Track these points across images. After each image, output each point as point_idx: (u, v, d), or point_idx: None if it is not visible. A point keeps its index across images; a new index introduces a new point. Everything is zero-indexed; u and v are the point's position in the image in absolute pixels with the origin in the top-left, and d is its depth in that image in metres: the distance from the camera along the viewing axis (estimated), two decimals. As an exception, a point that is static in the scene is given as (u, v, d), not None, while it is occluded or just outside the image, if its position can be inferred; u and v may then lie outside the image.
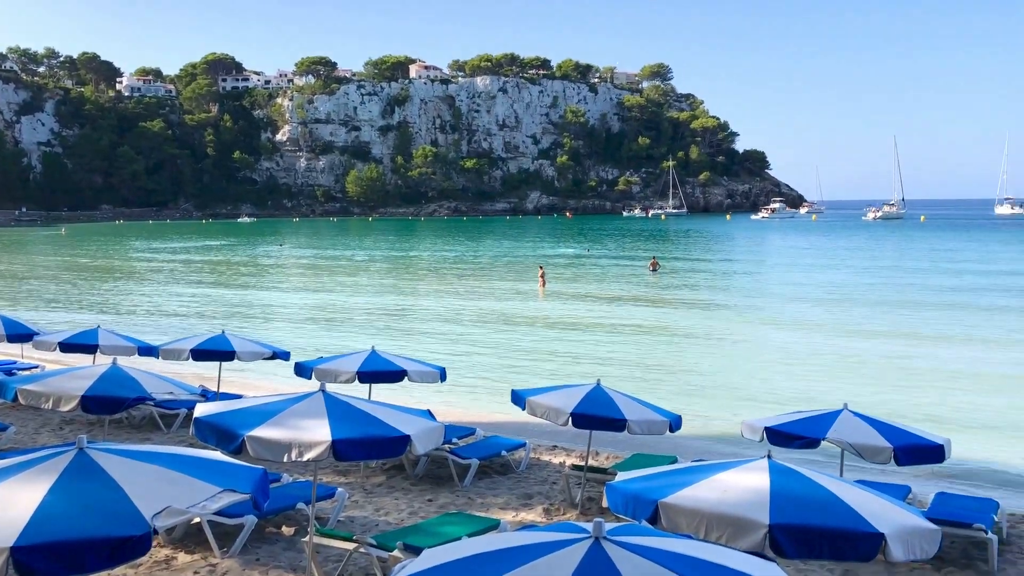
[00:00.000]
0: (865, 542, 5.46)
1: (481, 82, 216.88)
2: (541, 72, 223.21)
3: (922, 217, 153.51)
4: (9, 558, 4.45)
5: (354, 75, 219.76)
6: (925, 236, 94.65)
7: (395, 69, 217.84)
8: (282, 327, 31.29)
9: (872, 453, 9.16)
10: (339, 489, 10.94)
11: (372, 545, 8.80)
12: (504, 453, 13.49)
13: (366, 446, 7.48)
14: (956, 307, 34.91)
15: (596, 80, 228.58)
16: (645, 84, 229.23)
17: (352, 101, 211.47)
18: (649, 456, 13.37)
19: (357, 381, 12.84)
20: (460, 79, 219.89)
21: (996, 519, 10.51)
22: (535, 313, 35.04)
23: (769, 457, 6.40)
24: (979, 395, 19.53)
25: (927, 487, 12.59)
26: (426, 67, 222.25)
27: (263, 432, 7.37)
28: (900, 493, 11.08)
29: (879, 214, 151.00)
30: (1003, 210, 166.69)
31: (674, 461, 12.12)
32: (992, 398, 19.18)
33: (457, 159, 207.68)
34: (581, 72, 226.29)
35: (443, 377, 13.68)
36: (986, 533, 9.75)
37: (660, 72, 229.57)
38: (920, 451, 9.26)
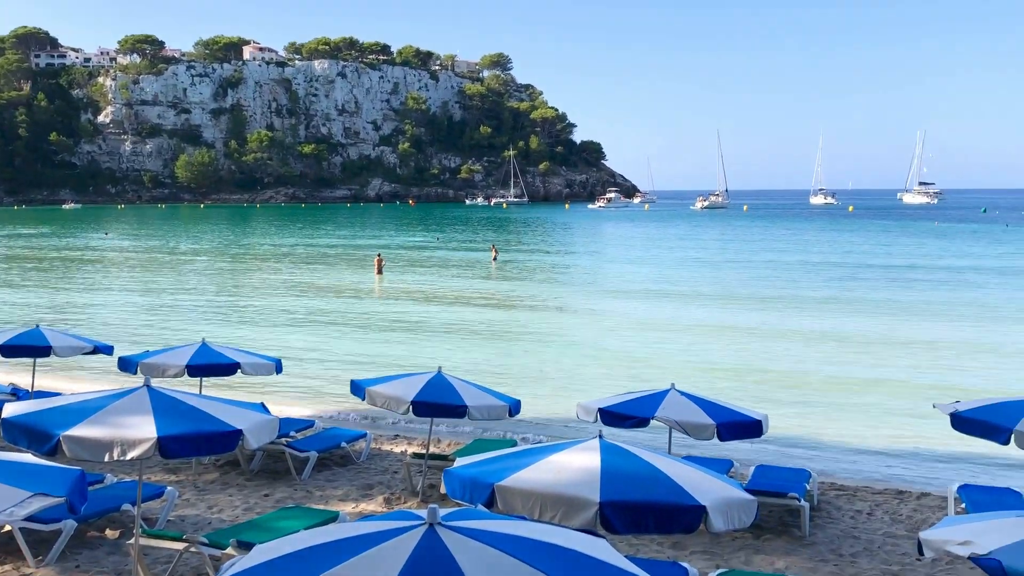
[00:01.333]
0: (688, 514, 5.75)
1: (319, 66, 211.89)
2: (381, 58, 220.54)
3: (744, 207, 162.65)
4: None
5: (183, 55, 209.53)
6: (746, 225, 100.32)
7: (227, 50, 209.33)
8: (107, 321, 29.55)
9: (697, 430, 9.65)
10: (168, 488, 10.46)
11: (204, 544, 8.48)
12: (344, 444, 13.30)
13: (195, 442, 7.18)
14: (775, 291, 37.22)
15: (437, 67, 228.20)
16: (486, 73, 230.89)
17: (181, 82, 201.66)
18: (490, 441, 13.57)
19: (187, 375, 12.30)
20: (297, 62, 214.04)
21: (808, 487, 11.32)
22: (374, 302, 34.73)
23: (600, 437, 6.62)
24: (796, 374, 20.92)
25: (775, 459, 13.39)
26: (261, 49, 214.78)
27: (81, 431, 6.94)
28: (723, 467, 11.74)
29: (706, 204, 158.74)
30: (817, 200, 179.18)
31: (514, 445, 12.33)
32: (808, 376, 20.59)
33: (295, 144, 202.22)
34: (422, 59, 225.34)
35: (279, 369, 13.32)
36: (799, 501, 10.48)
37: (500, 62, 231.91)
38: (740, 427, 9.82)
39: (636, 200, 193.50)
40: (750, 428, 9.92)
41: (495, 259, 52.22)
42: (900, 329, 26.99)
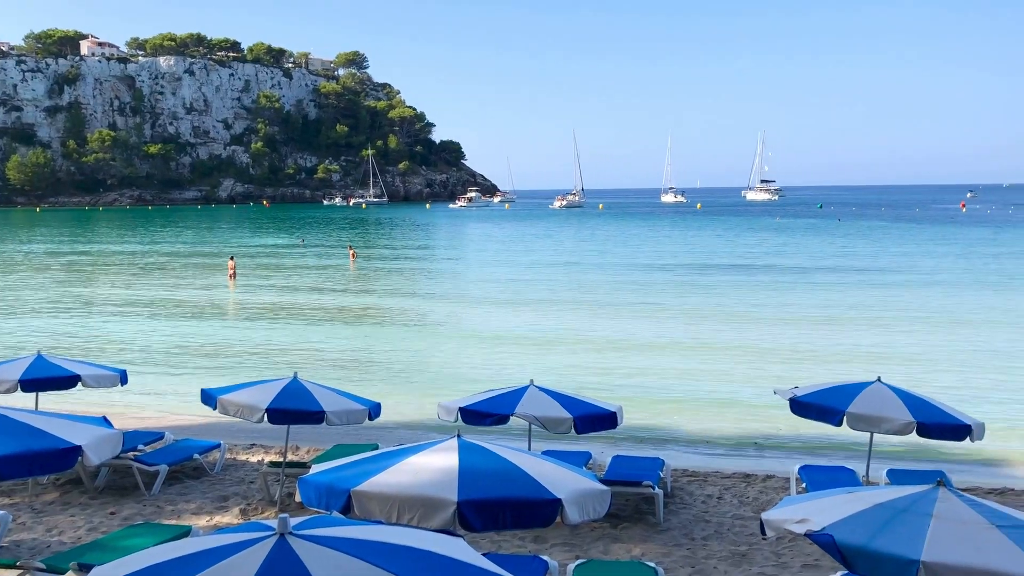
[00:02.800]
0: (544, 508, 5.85)
1: (165, 63, 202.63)
2: (231, 55, 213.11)
3: (600, 205, 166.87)
4: None
5: (13, 49, 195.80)
6: (600, 223, 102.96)
7: (63, 44, 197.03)
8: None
9: (555, 424, 9.84)
10: (0, 512, 9.76)
11: (41, 569, 7.97)
12: (197, 456, 12.80)
13: (27, 461, 6.75)
14: (628, 290, 38.38)
15: (290, 65, 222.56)
16: (341, 72, 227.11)
17: (11, 78, 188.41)
18: (350, 446, 13.36)
19: (20, 390, 11.52)
20: (141, 58, 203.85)
21: (662, 475, 11.75)
22: (227, 308, 33.57)
23: (458, 436, 6.64)
24: (653, 364, 21.64)
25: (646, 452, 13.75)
26: (100, 44, 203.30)
27: None
28: (581, 460, 12.00)
29: (564, 203, 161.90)
30: (668, 198, 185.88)
31: (376, 448, 12.20)
32: (662, 366, 21.34)
33: (140, 144, 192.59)
34: (274, 56, 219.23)
35: (124, 380, 12.68)
36: (653, 489, 10.85)
37: (356, 60, 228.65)
38: (596, 419, 10.09)
39: (496, 199, 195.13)
40: (606, 420, 10.21)
41: (353, 260, 51.50)
42: (743, 323, 28.36)
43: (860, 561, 5.26)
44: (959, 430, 9.53)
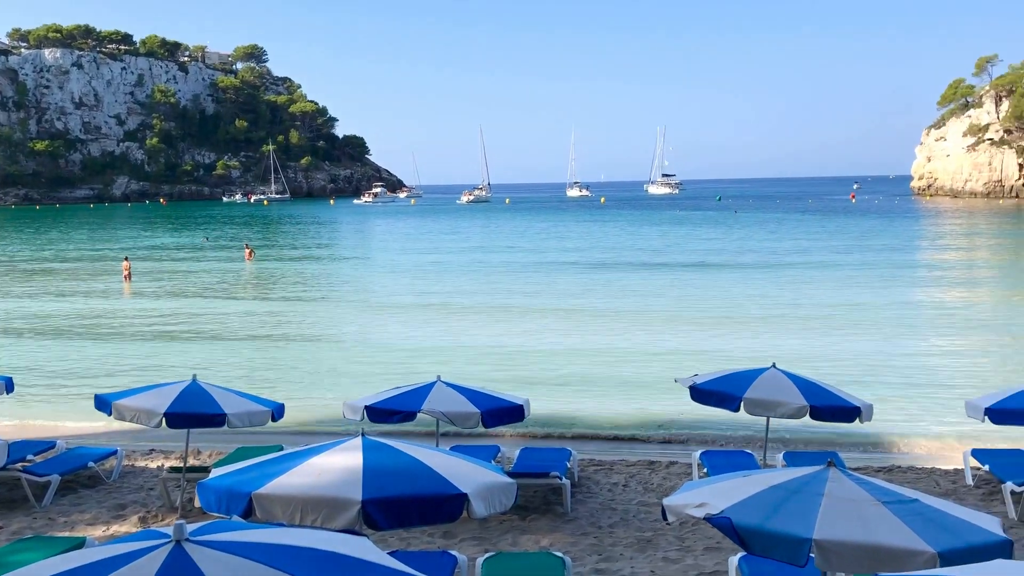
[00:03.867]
0: (450, 503, 5.85)
1: (50, 55, 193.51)
2: (123, 48, 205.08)
3: (507, 200, 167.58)
4: None
5: None
6: (508, 217, 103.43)
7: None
8: None
9: (462, 419, 9.85)
10: None
11: (-79, 591, 7.53)
12: (92, 464, 12.32)
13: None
14: (536, 278, 38.70)
15: (186, 59, 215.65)
16: (239, 65, 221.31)
17: None
18: (254, 448, 13.08)
19: None
20: (23, 50, 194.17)
21: (569, 465, 11.91)
22: (121, 311, 32.34)
23: (363, 434, 6.58)
24: (560, 357, 21.88)
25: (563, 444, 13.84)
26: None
27: None
28: (489, 454, 12.05)
29: (471, 197, 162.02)
30: (573, 192, 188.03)
31: (281, 450, 11.97)
32: (570, 358, 21.60)
33: (25, 140, 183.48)
34: (169, 50, 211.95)
35: (10, 388, 12.10)
36: (560, 480, 10.99)
37: (255, 54, 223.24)
38: (503, 413, 10.14)
39: (402, 195, 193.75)
40: (513, 413, 10.27)
41: (250, 258, 50.19)
42: (649, 315, 28.96)
43: (756, 541, 5.44)
44: (849, 412, 9.95)
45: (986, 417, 10.11)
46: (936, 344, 23.15)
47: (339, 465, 6.04)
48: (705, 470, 11.61)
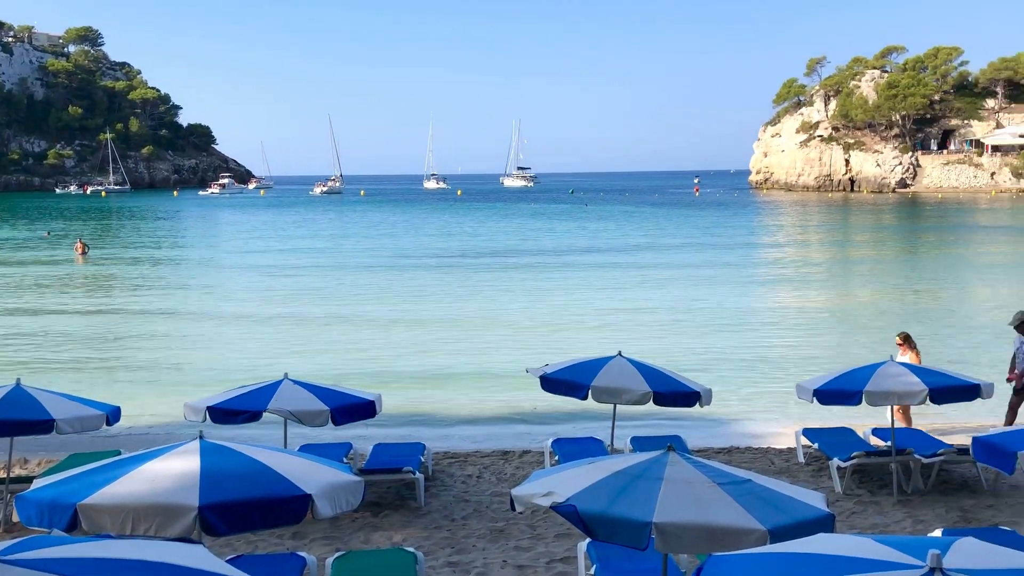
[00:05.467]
0: (293, 504, 5.68)
1: None
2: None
3: (361, 191, 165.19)
4: None
5: None
6: (363, 209, 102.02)
7: None
8: None
9: (311, 418, 9.61)
10: None
11: None
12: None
13: None
14: (388, 271, 38.36)
15: (10, 39, 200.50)
16: (72, 48, 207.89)
17: None
18: (88, 455, 12.28)
19: None
20: None
21: (423, 459, 11.85)
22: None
23: (200, 437, 6.30)
24: (415, 351, 21.75)
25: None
26: None
27: None
28: (341, 451, 11.84)
29: (324, 188, 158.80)
30: (430, 185, 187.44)
31: (119, 455, 11.34)
32: (424, 352, 21.52)
33: None
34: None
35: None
36: (414, 474, 10.92)
37: (89, 36, 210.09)
38: (354, 409, 9.96)
39: (251, 186, 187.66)
40: (364, 409, 10.11)
41: (82, 254, 47.18)
42: (496, 306, 29.26)
43: (600, 528, 5.57)
44: (690, 397, 10.36)
45: (815, 398, 10.74)
46: (772, 336, 24.38)
47: (174, 470, 5.75)
48: (557, 458, 11.81)
